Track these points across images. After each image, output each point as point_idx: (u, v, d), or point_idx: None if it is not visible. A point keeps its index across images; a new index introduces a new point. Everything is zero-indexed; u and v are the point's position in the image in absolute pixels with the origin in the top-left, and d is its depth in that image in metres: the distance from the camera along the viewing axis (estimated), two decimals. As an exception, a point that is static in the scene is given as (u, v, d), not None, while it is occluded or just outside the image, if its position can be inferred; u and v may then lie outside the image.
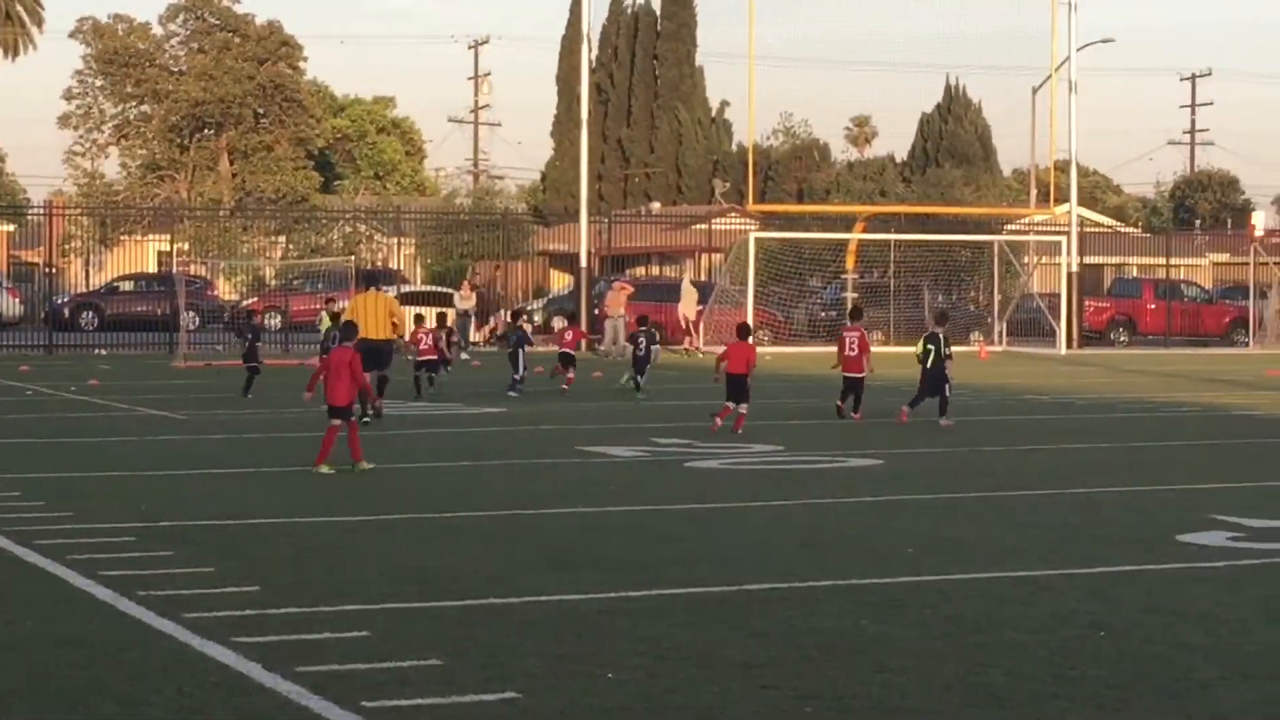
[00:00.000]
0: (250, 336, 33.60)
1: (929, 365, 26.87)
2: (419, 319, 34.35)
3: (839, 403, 27.74)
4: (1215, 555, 14.11)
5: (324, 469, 19.71)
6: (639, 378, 33.26)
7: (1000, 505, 17.62)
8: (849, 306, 54.30)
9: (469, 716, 8.85)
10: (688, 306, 52.45)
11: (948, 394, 26.88)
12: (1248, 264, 64.09)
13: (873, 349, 27.98)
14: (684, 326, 52.55)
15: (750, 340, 26.90)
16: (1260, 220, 68.27)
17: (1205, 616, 11.50)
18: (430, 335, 33.23)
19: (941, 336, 27.39)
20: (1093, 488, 18.97)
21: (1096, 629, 11.08)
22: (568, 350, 34.96)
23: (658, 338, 37.16)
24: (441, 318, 39.89)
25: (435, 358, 32.89)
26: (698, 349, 50.61)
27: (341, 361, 20.19)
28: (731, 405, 25.31)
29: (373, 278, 30.92)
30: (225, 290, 64.48)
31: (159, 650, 10.37)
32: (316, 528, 15.59)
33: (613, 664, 9.98)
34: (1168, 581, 12.98)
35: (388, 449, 23.08)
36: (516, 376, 33.14)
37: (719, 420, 25.15)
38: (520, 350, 33.74)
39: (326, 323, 34.58)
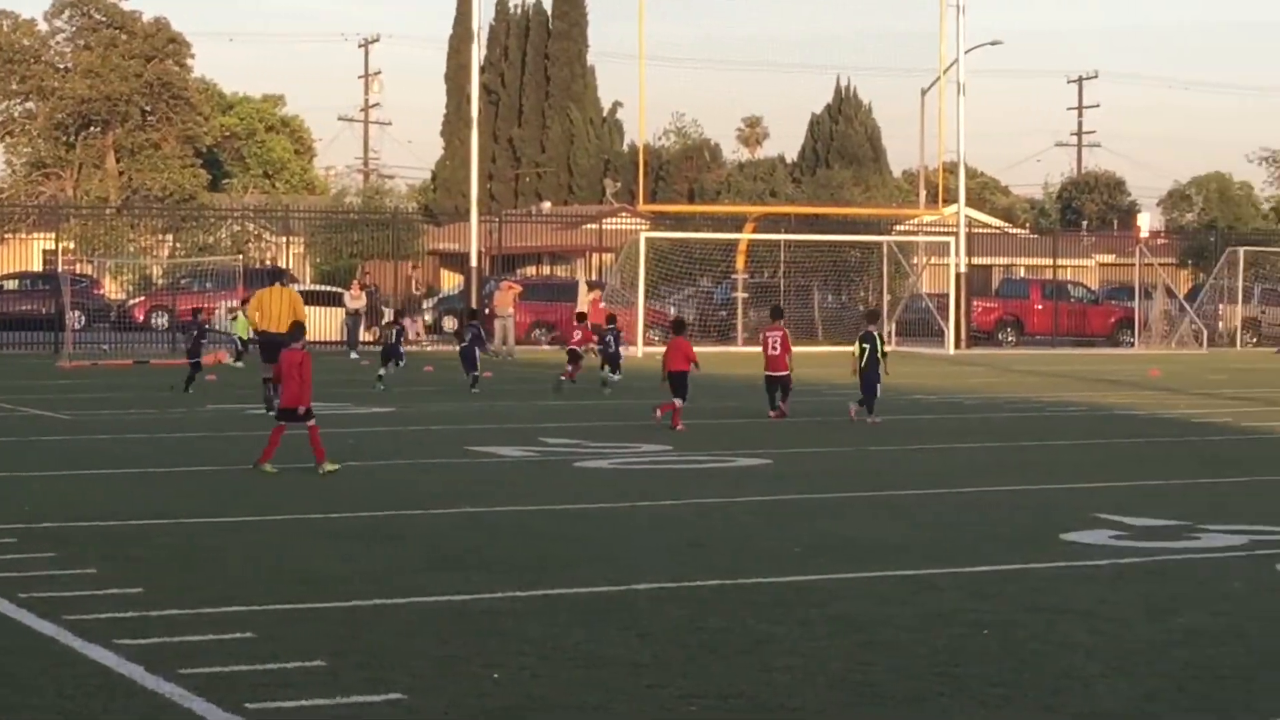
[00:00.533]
0: (195, 333, 34.11)
1: (863, 364, 27.16)
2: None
3: (770, 411, 27.69)
4: (1098, 554, 14.23)
5: (268, 468, 19.60)
6: (613, 374, 34.71)
7: (887, 505, 17.71)
8: (740, 307, 54.59)
9: (353, 718, 8.80)
10: (584, 307, 52.35)
11: (877, 393, 27.17)
12: (1133, 265, 64.75)
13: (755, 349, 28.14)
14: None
15: (684, 336, 27.22)
16: (1145, 222, 69.10)
17: (1088, 614, 11.59)
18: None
19: (876, 335, 27.72)
20: (979, 487, 19.11)
21: (980, 627, 11.15)
22: (575, 348, 36.14)
23: (623, 335, 38.32)
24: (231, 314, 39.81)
25: None
26: (594, 349, 50.53)
27: (292, 363, 20.02)
28: (679, 402, 25.83)
29: (279, 273, 31.63)
30: (112, 289, 63.87)
31: (39, 653, 10.24)
32: (200, 529, 15.46)
33: (499, 664, 9.95)
34: (1051, 580, 13.08)
35: (281, 449, 22.91)
36: (477, 374, 33.99)
37: (658, 413, 25.68)
38: (476, 348, 34.70)
39: (242, 321, 34.65)
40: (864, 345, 27.42)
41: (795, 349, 28.59)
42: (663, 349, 42.80)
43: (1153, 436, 25.94)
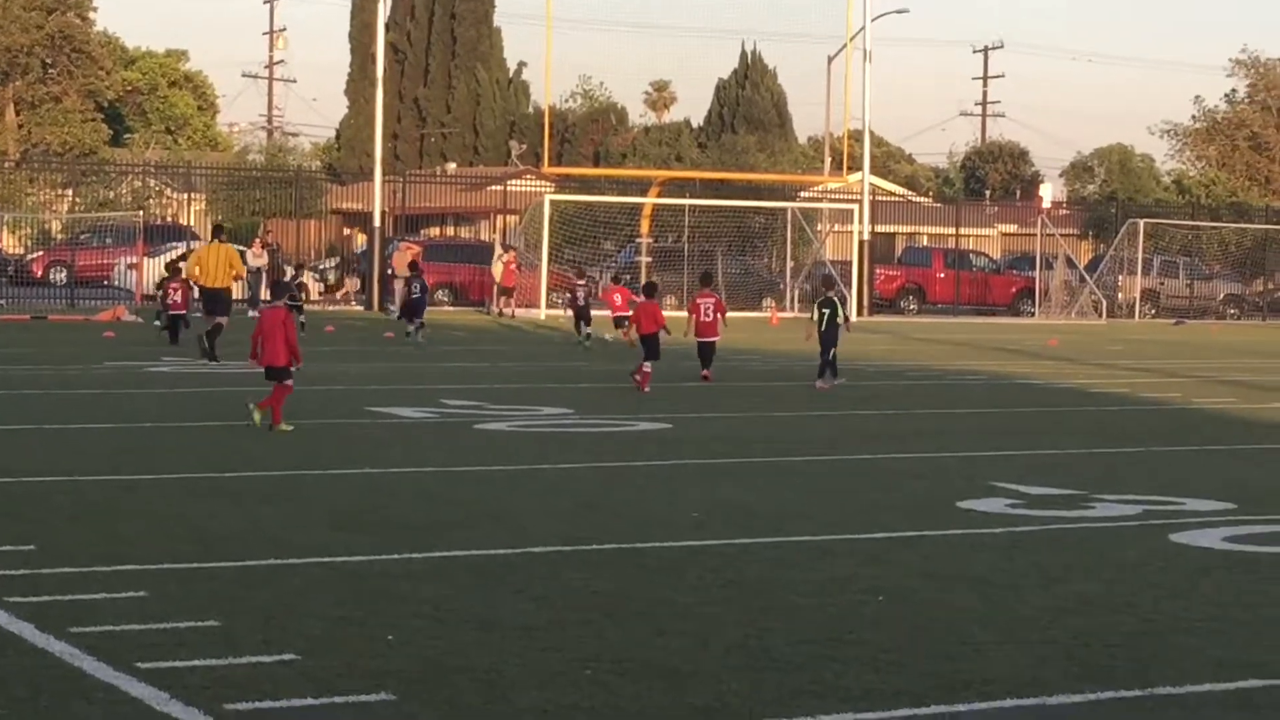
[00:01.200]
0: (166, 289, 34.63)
1: (823, 329, 27.37)
2: (173, 270, 35.70)
3: (704, 372, 27.79)
4: (993, 522, 14.33)
5: (285, 426, 19.63)
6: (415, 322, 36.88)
7: (786, 470, 17.77)
8: (647, 275, 54.54)
9: (246, 678, 8.75)
10: (497, 269, 52.13)
11: (834, 357, 27.46)
12: (1035, 235, 65.19)
13: (665, 313, 28.25)
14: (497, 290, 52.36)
15: (656, 299, 27.45)
16: (1048, 192, 69.52)
17: (981, 582, 11.67)
18: (180, 289, 34.43)
19: (836, 301, 27.89)
20: (877, 454, 19.21)
21: (875, 593, 11.21)
22: (622, 313, 36.65)
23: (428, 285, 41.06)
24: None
25: (182, 311, 34.36)
26: (512, 313, 50.46)
27: (275, 321, 19.98)
28: (644, 363, 26.24)
29: (219, 229, 33.28)
30: (9, 244, 63.17)
31: (-73, 610, 10.14)
32: (94, 486, 15.34)
33: (393, 626, 9.92)
34: (946, 547, 13.17)
35: (174, 408, 22.79)
36: (421, 322, 36.61)
37: (638, 377, 26.10)
38: (424, 299, 37.54)
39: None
40: (824, 310, 27.64)
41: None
42: (569, 313, 42.92)
43: (1050, 406, 26.14)
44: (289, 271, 46.63)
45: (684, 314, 50.19)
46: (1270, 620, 10.73)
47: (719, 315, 28.11)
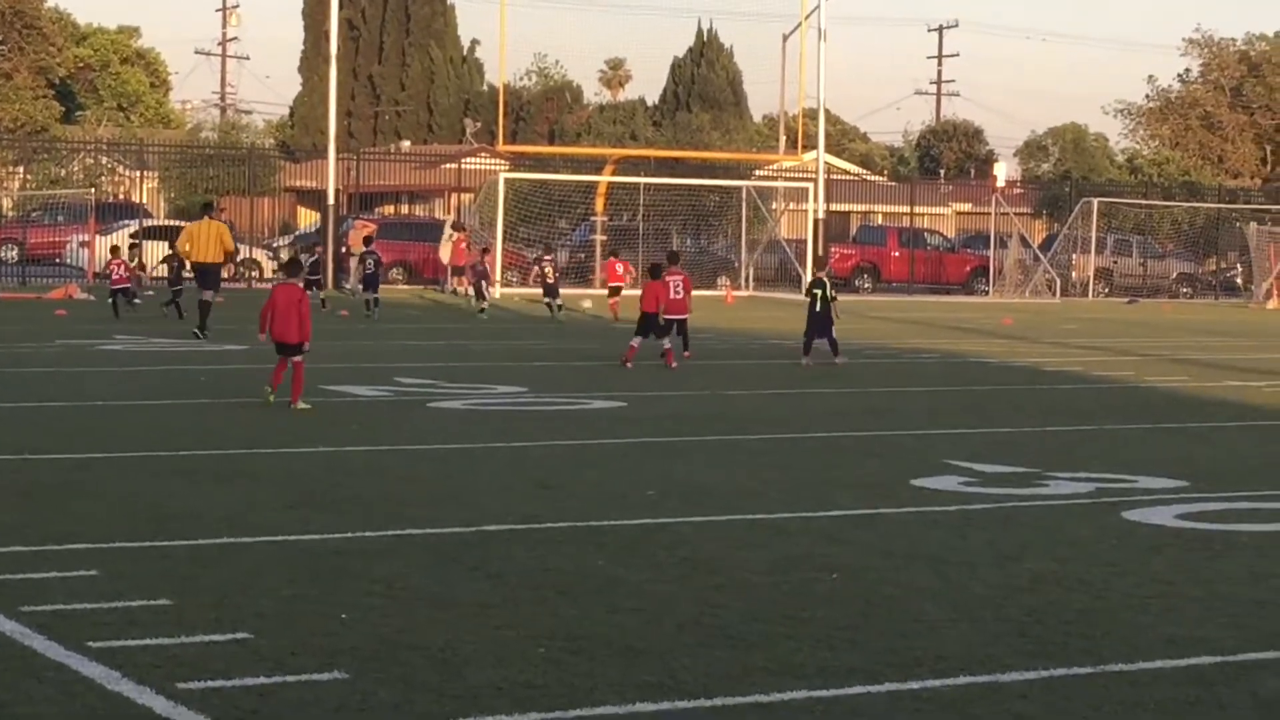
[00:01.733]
0: (178, 265, 36.17)
1: (816, 308, 27.73)
2: (114, 250, 38.37)
3: (684, 352, 27.84)
4: (947, 500, 14.36)
5: (302, 405, 19.72)
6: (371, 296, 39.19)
7: (740, 449, 17.77)
8: (603, 249, 54.48)
9: (198, 656, 8.72)
10: (445, 249, 51.94)
11: (834, 335, 27.84)
12: (989, 214, 65.33)
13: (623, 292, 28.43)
14: (445, 268, 52.24)
15: (663, 280, 27.67)
16: (1002, 171, 69.59)
17: (935, 560, 11.70)
18: (122, 265, 37.07)
19: (826, 280, 28.43)
20: (831, 432, 19.24)
21: (829, 571, 11.23)
22: (618, 283, 41.20)
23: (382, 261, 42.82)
24: (134, 249, 42.12)
25: (127, 284, 36.98)
26: (464, 291, 50.35)
27: (291, 298, 20.13)
28: (639, 339, 26.90)
29: (209, 206, 34.36)
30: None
31: (-123, 589, 10.08)
32: (46, 465, 15.27)
33: (347, 604, 9.90)
34: (900, 525, 13.20)
35: (127, 386, 22.69)
36: (374, 297, 39.25)
37: (629, 358, 26.63)
38: (377, 274, 40.13)
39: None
40: (814, 290, 28.12)
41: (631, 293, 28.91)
42: (521, 291, 42.90)
43: (1004, 384, 26.21)
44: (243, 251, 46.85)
45: (636, 292, 50.24)
46: (1221, 596, 10.77)
47: (687, 293, 28.16)
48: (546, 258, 41.20)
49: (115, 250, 38.33)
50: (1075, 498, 14.64)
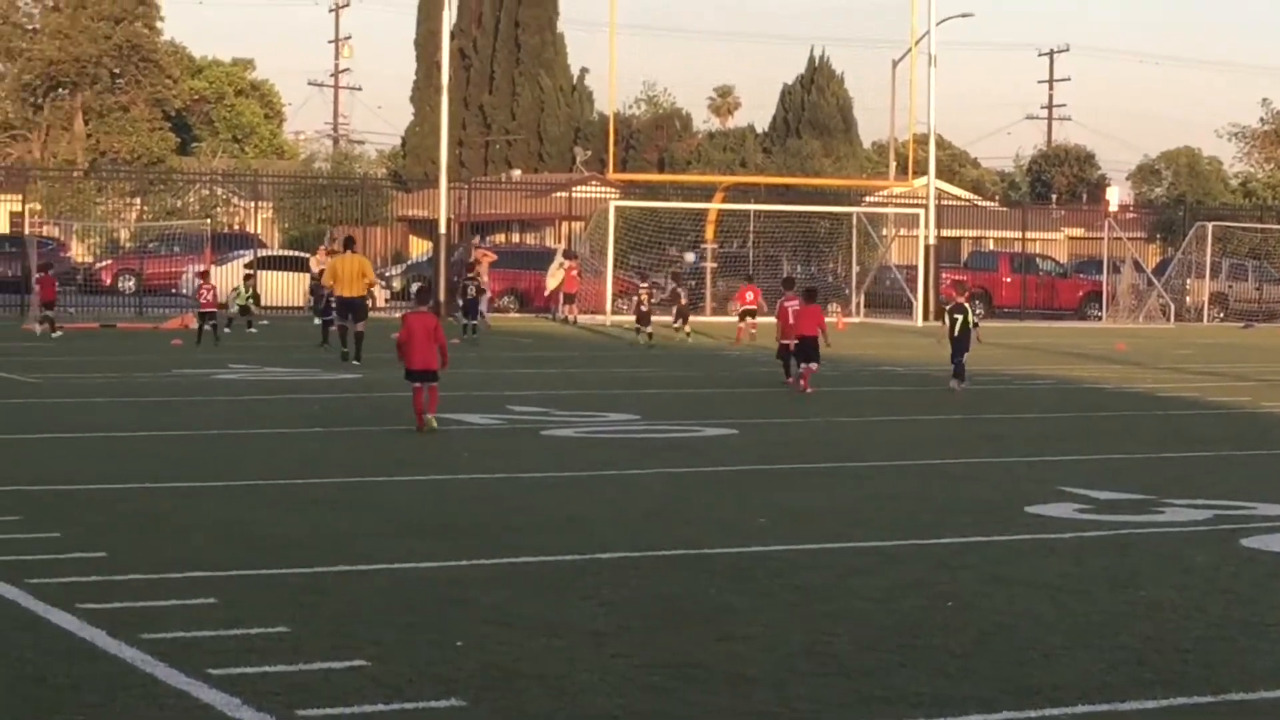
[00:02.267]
0: (327, 295, 36.44)
1: (956, 334, 28.00)
2: (203, 275, 39.87)
3: (787, 379, 28.31)
4: (1062, 527, 14.27)
5: (433, 423, 20.35)
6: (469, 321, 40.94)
7: (851, 475, 17.73)
8: (708, 276, 54.55)
9: (316, 684, 8.79)
10: (553, 277, 52.12)
11: (963, 361, 28.09)
12: (1102, 239, 64.86)
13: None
14: (548, 296, 52.43)
15: (817, 303, 28.53)
16: (1115, 196, 69.14)
17: (1050, 587, 11.62)
18: (211, 290, 38.42)
19: (967, 307, 28.65)
20: (943, 459, 19.15)
21: (943, 599, 11.18)
22: (750, 308, 42.22)
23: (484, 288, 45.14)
24: (249, 280, 44.46)
25: (214, 310, 38.26)
26: (575, 319, 50.50)
27: (426, 327, 20.62)
28: (804, 365, 27.18)
29: (351, 241, 35.21)
30: (78, 252, 63.63)
31: (2, 617, 10.21)
32: (165, 494, 15.43)
33: (462, 632, 9.95)
34: (1014, 552, 13.12)
35: (242, 415, 22.91)
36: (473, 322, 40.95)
37: (802, 381, 27.11)
38: (477, 300, 42.23)
39: (242, 291, 42.60)
40: (955, 316, 28.27)
41: (763, 319, 28.98)
42: (629, 318, 43.02)
43: (1118, 410, 26.01)
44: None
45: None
46: (1342, 625, 10.64)
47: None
48: (643, 285, 42.67)
49: (205, 275, 39.77)
50: (1192, 525, 14.51)
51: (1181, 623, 10.62)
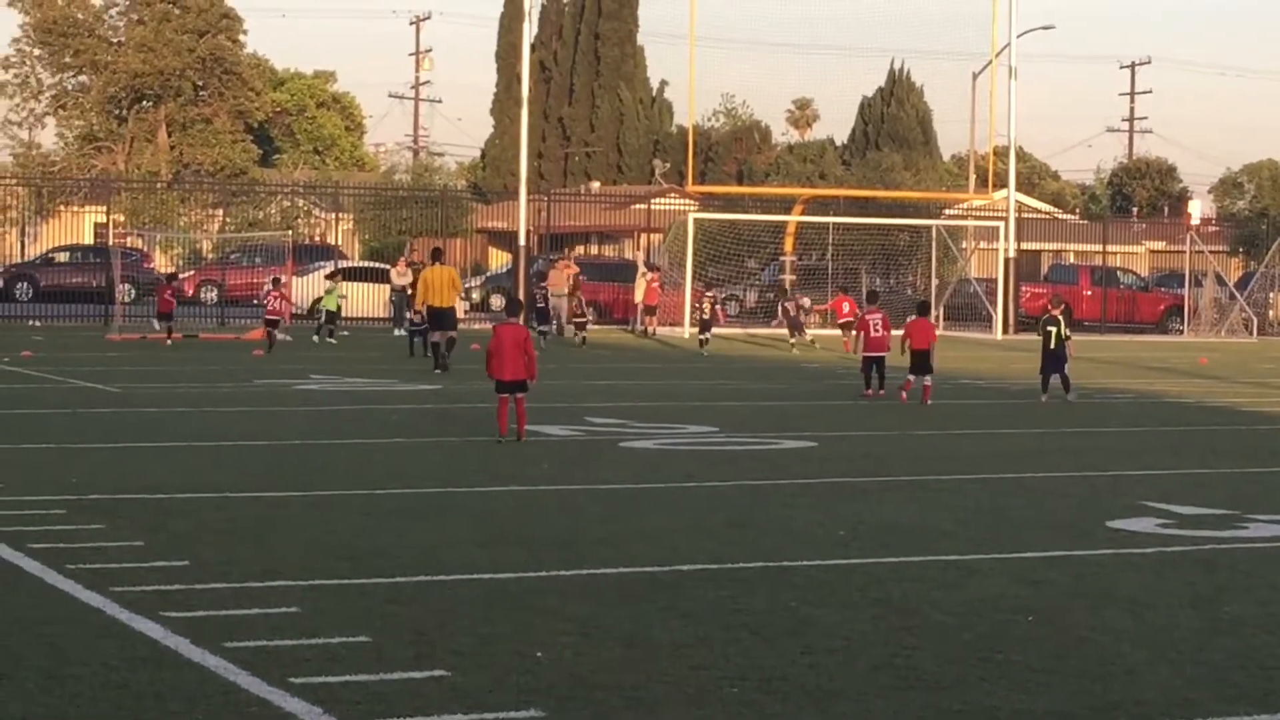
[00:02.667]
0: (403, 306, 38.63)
1: (1051, 346, 28.35)
2: (274, 281, 41.17)
3: (866, 391, 28.62)
4: (1144, 541, 14.19)
5: (508, 437, 20.45)
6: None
7: (931, 489, 17.68)
8: (787, 288, 54.49)
9: (398, 693, 8.83)
10: (639, 290, 52.19)
11: (1067, 372, 28.50)
12: (1184, 252, 64.44)
13: (810, 332, 28.58)
14: (638, 308, 52.49)
15: (930, 318, 28.95)
16: (1196, 209, 68.66)
17: (1132, 601, 11.57)
18: (279, 298, 40.11)
19: (1061, 319, 28.81)
20: (1024, 473, 19.07)
21: (1024, 613, 11.13)
22: (848, 319, 42.94)
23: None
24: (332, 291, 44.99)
25: (279, 317, 39.76)
26: (654, 331, 50.53)
27: (517, 339, 20.79)
28: (913, 379, 27.54)
29: (439, 252, 36.04)
30: (161, 263, 64.11)
31: (85, 624, 10.31)
32: (246, 503, 15.54)
33: (542, 643, 9.98)
34: (1096, 567, 13.05)
35: (322, 425, 23.04)
36: (547, 330, 43.02)
37: (910, 393, 27.47)
38: (546, 309, 44.31)
39: (331, 297, 43.96)
40: (1049, 329, 28.57)
41: (823, 332, 28.94)
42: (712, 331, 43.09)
43: (1201, 425, 25.84)
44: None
45: (828, 331, 50.14)
46: None
47: (886, 331, 28.53)
48: (707, 294, 44.17)
49: (275, 282, 40.92)
50: (1276, 540, 14.40)
51: (1265, 639, 10.55)
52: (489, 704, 8.66)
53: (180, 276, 59.55)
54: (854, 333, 41.29)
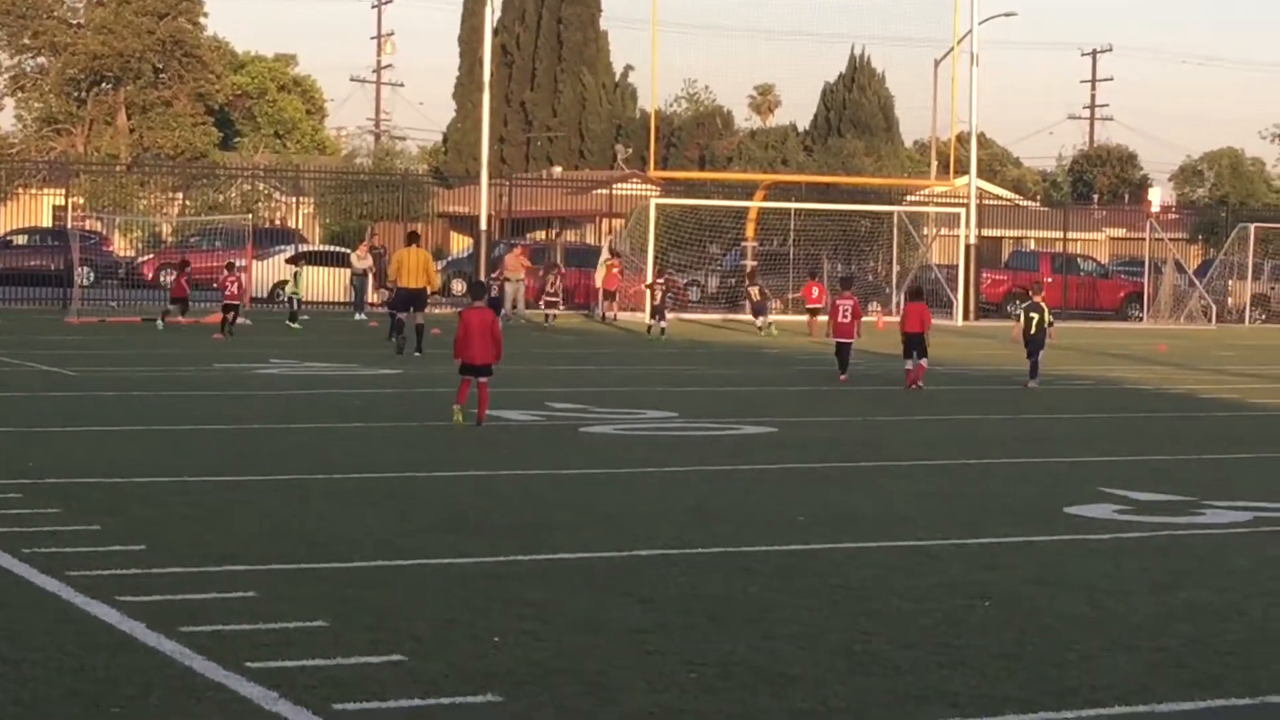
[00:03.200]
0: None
1: (1033, 332, 28.75)
2: (229, 266, 40.34)
3: (841, 375, 28.73)
4: (1102, 528, 14.22)
5: (462, 418, 20.43)
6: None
7: (891, 474, 17.69)
8: (748, 273, 54.52)
9: (354, 678, 8.81)
10: (600, 275, 52.13)
11: (1039, 359, 28.96)
12: (1144, 239, 64.65)
13: (773, 317, 28.65)
14: (599, 294, 52.45)
15: (922, 301, 29.09)
16: (1157, 197, 68.91)
17: (1090, 587, 11.59)
18: (235, 281, 39.38)
19: (1043, 306, 29.28)
20: (984, 459, 19.11)
21: (982, 599, 11.16)
22: (816, 305, 44.40)
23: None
24: (297, 276, 45.23)
25: (237, 302, 39.24)
26: (614, 316, 50.50)
27: (484, 322, 20.78)
28: (909, 364, 27.67)
29: (415, 236, 36.24)
30: (121, 246, 63.85)
31: (42, 608, 10.26)
32: (204, 487, 15.47)
33: (500, 628, 9.96)
34: (1054, 553, 13.08)
35: (283, 409, 22.98)
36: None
37: (914, 378, 27.68)
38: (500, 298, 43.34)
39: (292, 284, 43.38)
40: (1031, 315, 28.94)
41: (799, 317, 29.03)
42: (672, 316, 43.06)
43: (1159, 411, 25.92)
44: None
45: (789, 318, 50.20)
46: (1384, 629, 10.59)
47: (855, 319, 28.64)
48: (659, 280, 44.73)
49: (231, 266, 40.44)
50: (1233, 526, 14.45)
51: (1221, 625, 10.59)
52: (446, 689, 8.65)
53: (140, 260, 59.43)
54: (821, 319, 41.63)
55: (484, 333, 20.64)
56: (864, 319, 28.85)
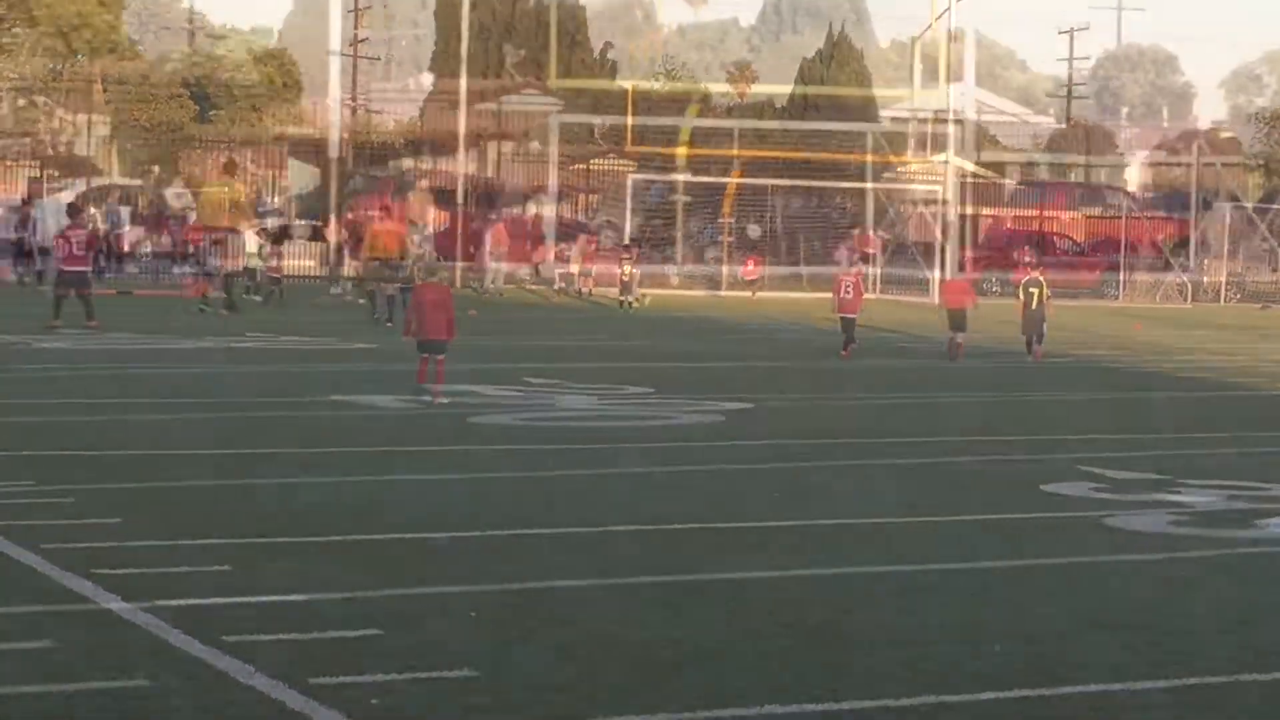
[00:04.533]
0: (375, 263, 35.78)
1: (1033, 306, 29.20)
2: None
3: (844, 350, 28.67)
4: (1079, 505, 14.24)
5: (443, 399, 20.07)
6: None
7: (869, 451, 17.66)
8: (725, 251, 54.49)
9: (329, 652, 8.81)
10: (576, 250, 51.92)
11: (1044, 330, 29.49)
12: (1120, 219, 64.62)
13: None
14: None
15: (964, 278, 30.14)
16: (1134, 176, 68.84)
17: (1064, 565, 11.65)
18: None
19: (1042, 280, 29.84)
20: (962, 436, 19.13)
21: (957, 575, 11.19)
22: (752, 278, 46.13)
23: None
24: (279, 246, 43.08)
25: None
26: (589, 291, 50.35)
27: (438, 298, 20.67)
28: (956, 336, 28.62)
29: (387, 209, 37.50)
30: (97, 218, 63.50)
31: (15, 582, 10.24)
32: (181, 461, 15.44)
33: (476, 603, 9.97)
34: (1029, 530, 13.13)
35: (259, 383, 22.93)
36: None
37: (959, 354, 28.52)
38: None
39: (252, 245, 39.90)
40: (1030, 290, 29.40)
41: (780, 294, 29.16)
42: (653, 291, 42.96)
43: (1135, 391, 25.96)
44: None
45: (767, 294, 50.15)
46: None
47: (858, 294, 29.30)
48: (625, 255, 44.46)
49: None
50: (1207, 505, 14.48)
51: (1194, 604, 10.62)
52: (422, 663, 8.65)
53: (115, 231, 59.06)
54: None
55: (436, 309, 20.42)
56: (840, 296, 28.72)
